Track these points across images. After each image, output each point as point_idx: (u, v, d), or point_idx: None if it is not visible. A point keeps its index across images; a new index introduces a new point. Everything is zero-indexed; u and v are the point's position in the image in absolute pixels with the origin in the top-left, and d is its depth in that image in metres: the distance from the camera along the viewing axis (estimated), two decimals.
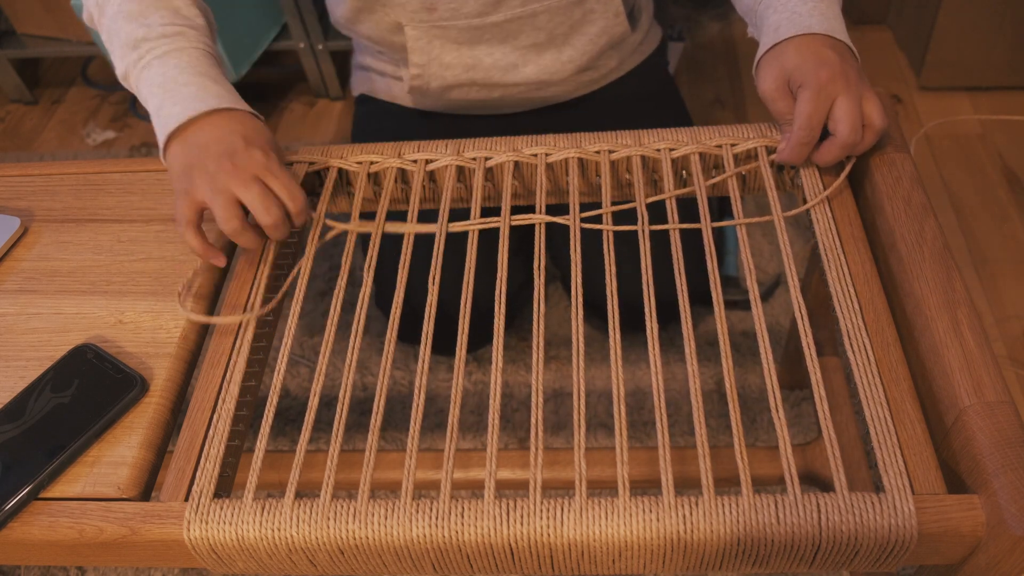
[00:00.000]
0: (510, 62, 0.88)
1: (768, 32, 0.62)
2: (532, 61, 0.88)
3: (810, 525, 0.43)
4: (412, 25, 0.85)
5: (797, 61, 0.58)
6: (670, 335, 1.12)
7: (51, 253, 0.65)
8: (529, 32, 0.85)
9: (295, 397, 1.13)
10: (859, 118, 0.57)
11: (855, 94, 0.57)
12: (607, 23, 0.88)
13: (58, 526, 0.48)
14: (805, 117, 0.57)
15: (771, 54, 0.61)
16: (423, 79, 0.90)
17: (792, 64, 0.58)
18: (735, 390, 0.49)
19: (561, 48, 0.88)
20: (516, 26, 0.84)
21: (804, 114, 0.57)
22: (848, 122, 0.56)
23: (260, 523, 0.47)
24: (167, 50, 0.62)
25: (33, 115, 1.70)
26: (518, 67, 0.88)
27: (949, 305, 0.50)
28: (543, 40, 0.87)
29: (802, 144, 0.58)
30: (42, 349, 0.57)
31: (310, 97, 1.64)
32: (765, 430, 1.03)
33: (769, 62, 0.61)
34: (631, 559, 0.46)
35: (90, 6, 0.67)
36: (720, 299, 0.54)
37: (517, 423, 1.08)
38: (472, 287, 0.57)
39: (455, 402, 0.50)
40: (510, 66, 0.88)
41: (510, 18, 0.83)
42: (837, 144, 0.58)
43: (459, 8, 0.82)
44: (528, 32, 0.85)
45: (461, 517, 0.46)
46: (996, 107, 1.40)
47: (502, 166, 0.65)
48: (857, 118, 0.57)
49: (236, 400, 0.53)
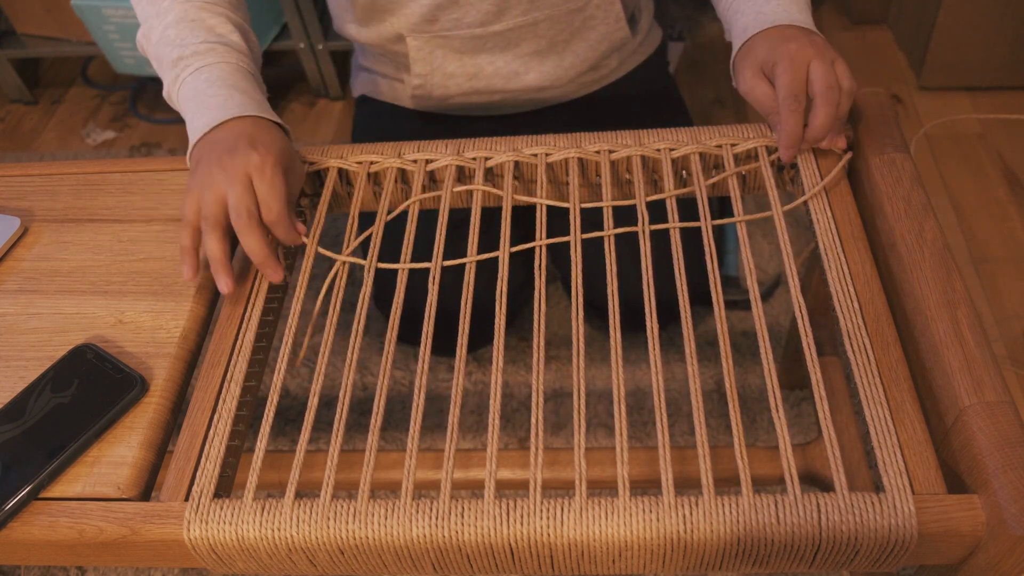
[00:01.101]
0: (512, 70, 0.88)
1: (737, 35, 0.65)
2: (534, 68, 0.88)
3: (810, 525, 0.43)
4: (413, 36, 0.85)
5: (766, 47, 0.61)
6: (670, 335, 1.12)
7: (51, 253, 0.65)
8: (530, 40, 0.86)
9: (295, 397, 1.13)
10: (833, 76, 0.58)
11: (827, 57, 0.59)
12: (608, 29, 0.88)
13: (58, 526, 0.48)
14: (787, 87, 0.58)
15: (741, 54, 0.64)
16: (425, 88, 0.91)
17: (763, 53, 0.61)
18: (735, 390, 0.49)
19: (562, 54, 0.88)
20: (517, 34, 0.84)
21: (785, 85, 0.58)
22: (823, 80, 0.58)
23: (260, 523, 0.47)
24: (199, 66, 0.64)
25: (33, 115, 1.70)
26: (520, 75, 0.89)
27: (949, 305, 0.50)
28: (544, 47, 0.87)
29: (789, 113, 0.59)
30: (42, 349, 0.57)
31: (310, 97, 1.64)
32: (765, 430, 1.03)
33: (741, 60, 0.63)
34: (631, 559, 0.46)
35: (140, 37, 0.69)
36: (720, 299, 0.54)
37: (517, 423, 1.08)
38: (472, 287, 0.57)
39: (455, 402, 0.50)
40: (512, 74, 0.88)
41: (511, 27, 0.83)
42: (818, 106, 0.58)
43: (461, 19, 0.82)
44: (529, 40, 0.86)
45: (461, 517, 0.46)
46: (996, 107, 1.40)
47: (502, 166, 0.65)
48: (831, 76, 0.58)
49: (236, 400, 0.53)
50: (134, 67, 1.48)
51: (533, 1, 0.81)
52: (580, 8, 0.85)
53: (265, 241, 0.57)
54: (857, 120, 0.64)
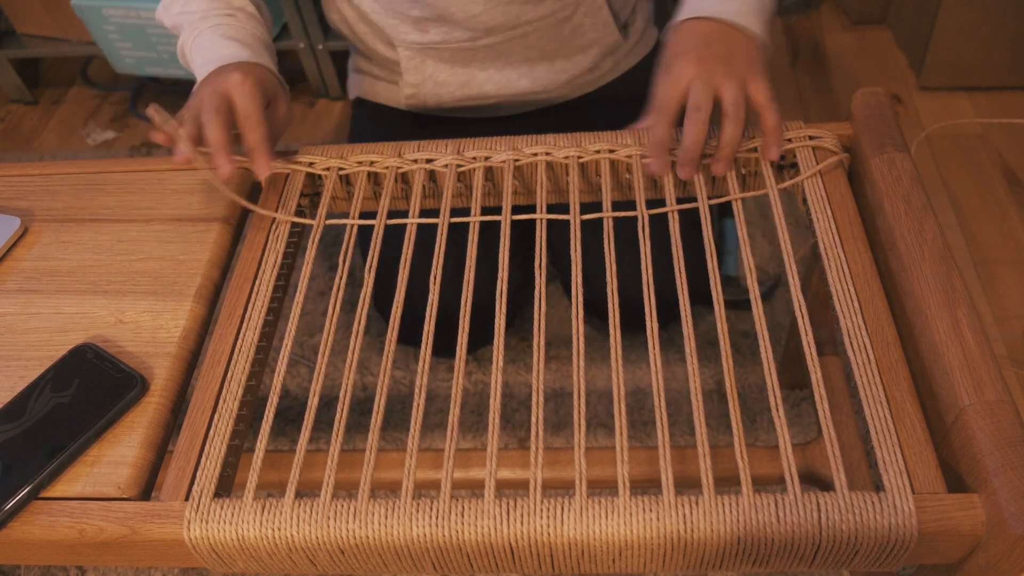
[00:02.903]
0: (504, 77, 0.89)
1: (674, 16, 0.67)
2: (526, 75, 0.89)
3: (810, 524, 0.43)
4: (404, 46, 0.86)
5: (667, 53, 0.63)
6: (670, 335, 1.12)
7: (51, 253, 0.65)
8: (520, 51, 0.86)
9: (295, 397, 1.13)
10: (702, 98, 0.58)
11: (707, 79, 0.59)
12: (598, 35, 0.89)
13: (58, 526, 0.48)
14: (656, 99, 0.61)
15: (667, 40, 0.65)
16: (419, 97, 0.91)
17: (665, 56, 0.63)
18: (735, 390, 0.49)
19: (553, 61, 0.89)
20: (507, 47, 0.85)
21: (656, 97, 0.61)
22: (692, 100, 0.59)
23: (260, 523, 0.47)
24: (210, 25, 0.72)
25: (33, 115, 1.70)
26: (513, 81, 0.89)
27: (949, 305, 0.50)
28: (535, 56, 0.88)
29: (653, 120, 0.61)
30: (42, 349, 0.58)
31: (310, 97, 1.64)
32: (765, 430, 1.03)
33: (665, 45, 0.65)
34: (631, 558, 0.46)
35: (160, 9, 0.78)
36: (720, 299, 0.54)
37: (517, 423, 1.08)
38: (472, 286, 0.57)
39: (455, 402, 0.50)
40: (505, 81, 0.89)
41: (501, 40, 0.84)
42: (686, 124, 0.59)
43: (450, 32, 0.83)
44: (519, 51, 0.86)
45: (461, 517, 0.46)
46: (996, 107, 1.40)
47: (502, 166, 0.65)
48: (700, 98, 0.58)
49: (237, 400, 0.53)
50: (134, 67, 1.48)
51: (519, 18, 0.82)
52: (567, 18, 0.85)
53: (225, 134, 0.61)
54: (857, 120, 0.64)
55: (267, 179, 0.68)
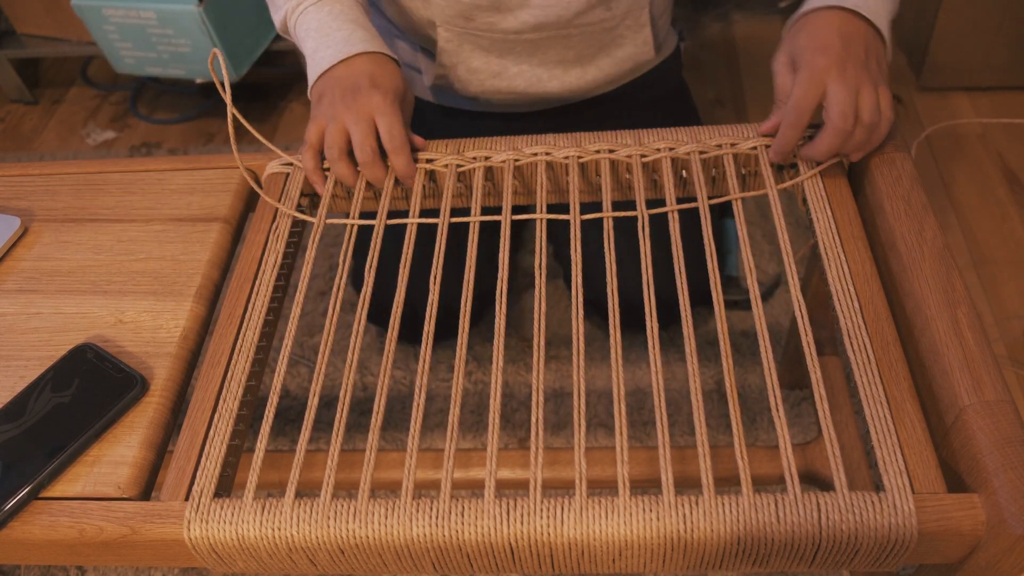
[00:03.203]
0: (535, 75, 0.89)
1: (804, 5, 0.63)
2: (557, 77, 0.89)
3: (810, 524, 0.43)
4: (446, 27, 0.85)
5: (804, 43, 0.59)
6: (670, 335, 1.12)
7: (51, 253, 0.65)
8: (559, 49, 0.86)
9: (295, 397, 1.13)
10: (848, 107, 0.57)
11: (851, 84, 0.57)
12: (635, 50, 0.89)
13: (58, 525, 0.48)
14: (794, 100, 0.58)
15: (796, 26, 0.62)
16: (446, 80, 0.91)
17: (800, 45, 0.60)
18: (735, 390, 0.49)
19: (586, 67, 0.89)
20: (548, 43, 0.85)
21: (794, 96, 0.58)
22: (836, 108, 0.57)
23: (260, 523, 0.47)
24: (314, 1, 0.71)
25: (33, 115, 1.70)
26: (543, 81, 0.89)
27: (949, 304, 0.50)
28: (571, 58, 0.87)
29: (788, 127, 0.59)
30: (42, 349, 0.58)
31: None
32: (765, 430, 1.03)
33: (789, 34, 0.62)
34: (631, 558, 0.46)
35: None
36: (720, 299, 0.54)
37: (517, 423, 1.08)
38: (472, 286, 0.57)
39: (455, 402, 0.50)
40: (535, 79, 0.89)
41: (544, 36, 0.84)
42: (825, 133, 0.58)
43: (496, 23, 0.83)
44: (558, 49, 0.86)
45: (461, 516, 0.46)
46: (996, 107, 1.40)
47: (502, 166, 0.65)
48: (846, 106, 0.57)
49: (237, 400, 0.53)
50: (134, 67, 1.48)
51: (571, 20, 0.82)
52: (612, 27, 0.85)
53: (385, 172, 0.65)
54: None
55: (267, 178, 0.68)
